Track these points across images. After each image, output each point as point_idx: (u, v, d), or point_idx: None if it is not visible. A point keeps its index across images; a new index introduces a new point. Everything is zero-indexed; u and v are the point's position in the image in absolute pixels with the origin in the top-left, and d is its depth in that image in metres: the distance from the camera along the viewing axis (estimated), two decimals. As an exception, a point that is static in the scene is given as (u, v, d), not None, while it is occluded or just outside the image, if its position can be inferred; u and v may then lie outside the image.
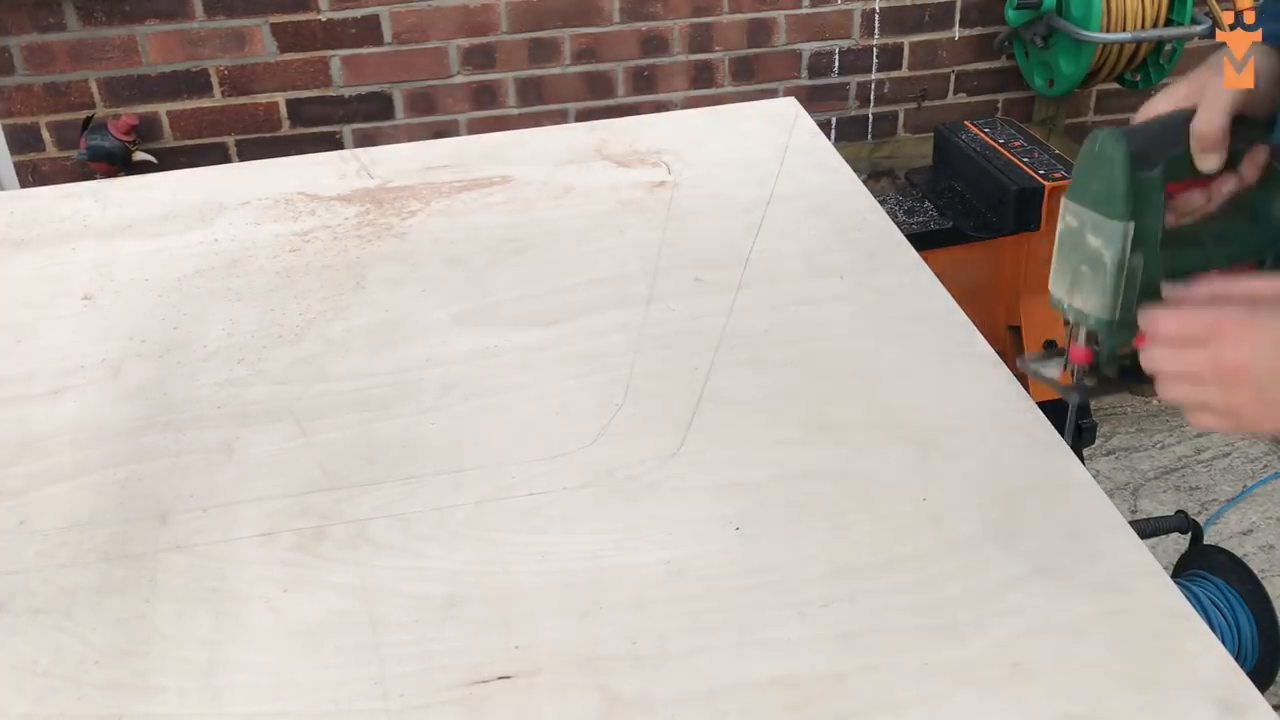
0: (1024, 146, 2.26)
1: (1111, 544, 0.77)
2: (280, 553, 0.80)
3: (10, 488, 0.88)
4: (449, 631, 0.74)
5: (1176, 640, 0.70)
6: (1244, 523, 2.31)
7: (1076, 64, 2.73)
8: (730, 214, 1.21)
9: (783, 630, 0.72)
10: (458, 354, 1.01)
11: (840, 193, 1.24)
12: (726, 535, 0.80)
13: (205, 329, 1.03)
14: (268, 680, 0.71)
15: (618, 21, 2.80)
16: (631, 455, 0.87)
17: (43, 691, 0.71)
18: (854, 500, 0.82)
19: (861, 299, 1.05)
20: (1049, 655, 0.69)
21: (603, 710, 0.68)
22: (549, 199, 1.26)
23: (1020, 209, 2.13)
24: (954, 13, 2.92)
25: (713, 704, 0.68)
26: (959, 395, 0.92)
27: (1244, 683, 0.67)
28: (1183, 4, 2.64)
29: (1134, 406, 2.66)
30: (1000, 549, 0.77)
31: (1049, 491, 0.82)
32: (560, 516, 0.82)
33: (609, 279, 1.10)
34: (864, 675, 0.69)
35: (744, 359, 0.98)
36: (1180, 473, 2.45)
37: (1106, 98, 3.08)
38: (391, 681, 0.71)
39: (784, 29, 2.87)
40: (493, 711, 0.68)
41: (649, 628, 0.73)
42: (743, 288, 1.08)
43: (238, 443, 0.91)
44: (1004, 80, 3.03)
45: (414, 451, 0.89)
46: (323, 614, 0.76)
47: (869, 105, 3.02)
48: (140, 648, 0.74)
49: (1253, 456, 2.48)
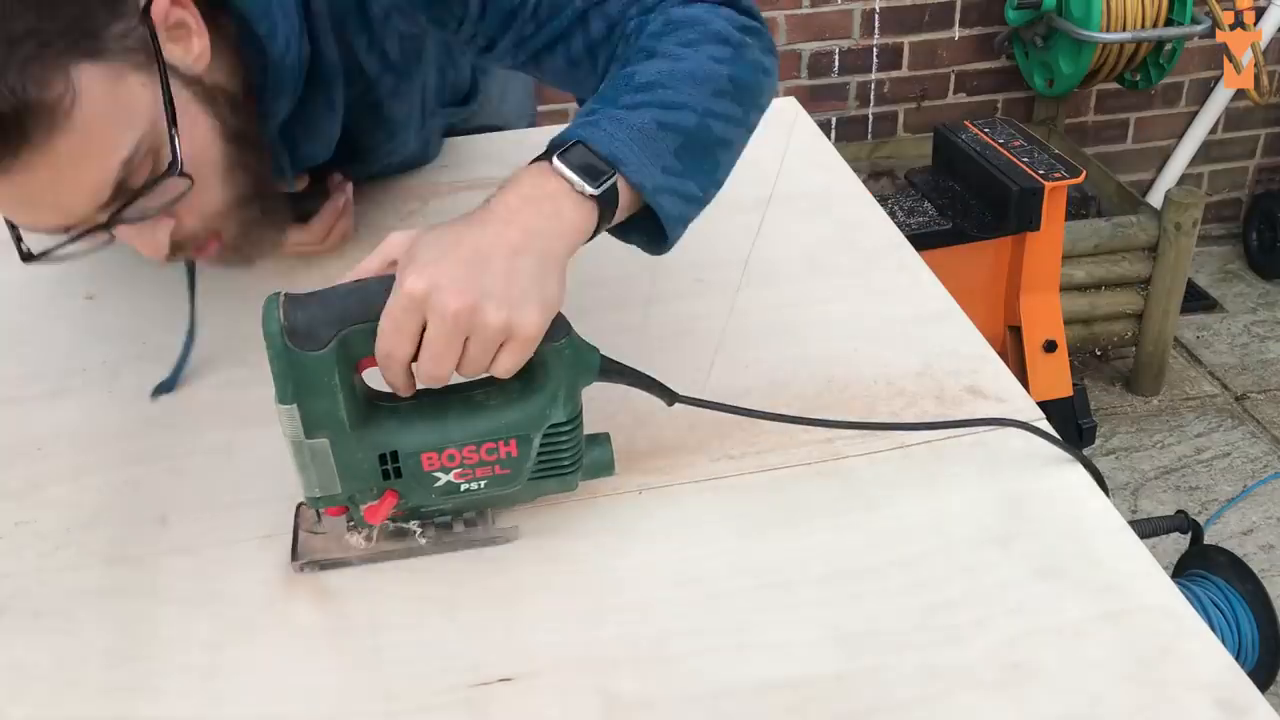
0: (1024, 146, 2.26)
1: (1111, 544, 0.77)
2: (281, 555, 0.80)
3: (10, 489, 0.88)
4: (449, 633, 0.74)
5: (1176, 640, 0.70)
6: (1244, 523, 2.31)
7: (1076, 64, 2.73)
8: (730, 214, 1.21)
9: (783, 632, 0.72)
10: (458, 355, 1.01)
11: (840, 193, 1.24)
12: (727, 536, 0.80)
13: (206, 330, 1.03)
14: (269, 682, 0.71)
15: (617, 22, 2.80)
16: (631, 456, 0.87)
17: (43, 694, 0.71)
18: (854, 501, 0.82)
19: (861, 299, 1.05)
20: (1049, 655, 0.69)
21: (604, 712, 0.68)
22: (549, 200, 1.25)
23: (1020, 209, 2.13)
24: (954, 13, 2.92)
25: (713, 705, 0.68)
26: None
27: (1244, 683, 0.67)
28: (1183, 4, 2.64)
29: (1134, 406, 2.66)
30: (1000, 549, 0.77)
31: (1049, 492, 0.82)
32: (560, 517, 0.82)
33: (609, 279, 1.10)
34: (864, 676, 0.69)
35: (744, 359, 0.98)
36: (1180, 473, 2.45)
37: (1106, 98, 3.08)
38: (392, 683, 0.71)
39: (784, 29, 2.87)
40: (493, 713, 0.68)
41: (650, 629, 0.73)
42: (743, 288, 1.08)
43: (238, 444, 0.91)
44: (1004, 80, 3.03)
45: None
46: (323, 616, 0.76)
47: (869, 105, 3.01)
48: (141, 650, 0.74)
49: (1253, 456, 2.48)
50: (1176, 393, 2.70)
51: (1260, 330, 2.92)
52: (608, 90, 0.81)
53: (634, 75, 0.81)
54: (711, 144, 0.82)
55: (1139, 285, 2.58)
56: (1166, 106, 3.12)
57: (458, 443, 0.74)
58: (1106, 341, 2.66)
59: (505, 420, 0.74)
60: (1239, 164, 3.25)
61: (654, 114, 0.78)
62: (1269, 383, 2.72)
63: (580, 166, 0.74)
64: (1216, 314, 3.00)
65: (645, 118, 0.78)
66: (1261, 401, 2.66)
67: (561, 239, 0.73)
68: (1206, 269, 3.18)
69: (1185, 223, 2.45)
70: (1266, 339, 2.88)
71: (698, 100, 0.81)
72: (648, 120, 0.78)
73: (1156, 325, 2.58)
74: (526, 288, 0.70)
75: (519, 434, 0.75)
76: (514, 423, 0.75)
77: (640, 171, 0.76)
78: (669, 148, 0.78)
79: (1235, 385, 2.72)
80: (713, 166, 0.84)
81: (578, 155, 0.75)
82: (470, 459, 0.75)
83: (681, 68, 0.81)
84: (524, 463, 0.76)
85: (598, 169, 0.75)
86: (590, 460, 0.80)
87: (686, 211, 0.82)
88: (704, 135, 0.81)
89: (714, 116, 0.82)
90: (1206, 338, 2.90)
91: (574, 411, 0.76)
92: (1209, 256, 3.23)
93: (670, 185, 0.79)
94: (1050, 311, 2.22)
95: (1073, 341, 2.53)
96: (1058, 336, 2.23)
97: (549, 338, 0.72)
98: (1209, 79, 3.06)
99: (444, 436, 0.74)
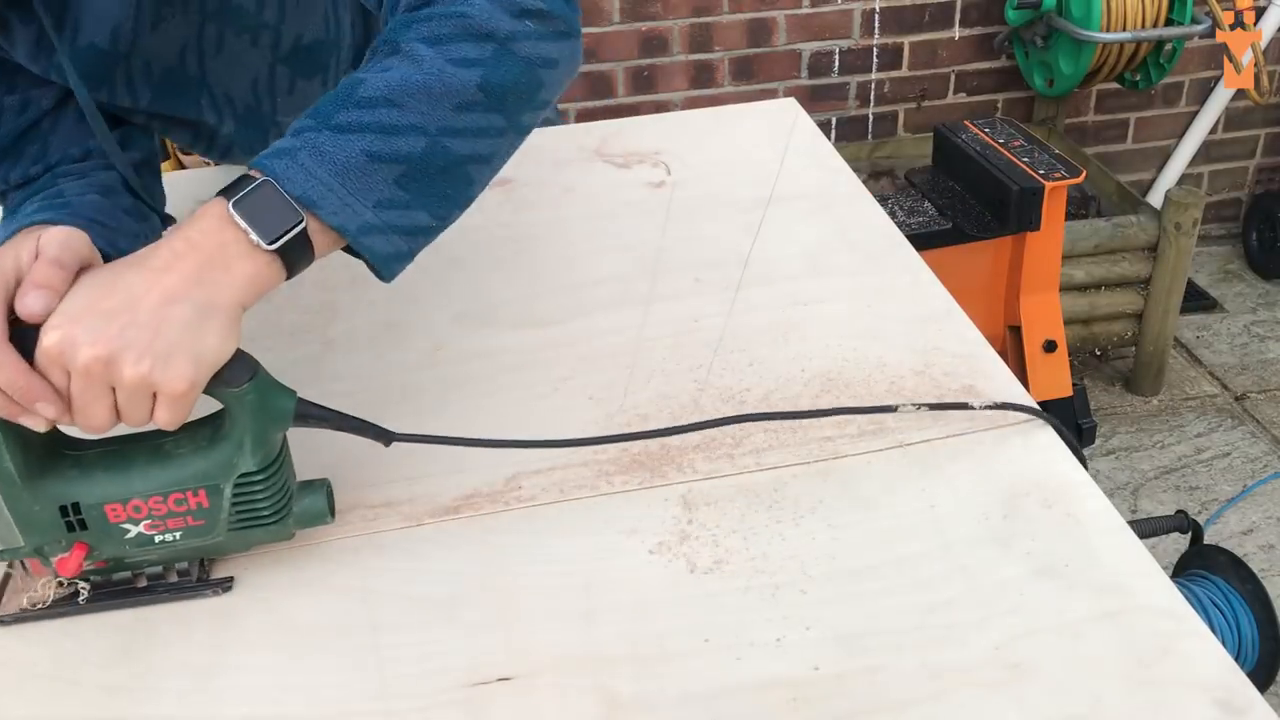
0: (1024, 146, 2.26)
1: (1111, 543, 0.77)
2: (280, 554, 0.80)
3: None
4: (449, 633, 0.74)
5: (1176, 640, 0.70)
6: (1244, 523, 2.31)
7: (1076, 64, 2.73)
8: (730, 214, 1.21)
9: (783, 631, 0.72)
10: (457, 355, 1.01)
11: (840, 193, 1.24)
12: (726, 536, 0.80)
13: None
14: (268, 682, 0.71)
15: (617, 21, 2.80)
16: (631, 456, 0.87)
17: (43, 694, 0.72)
18: (854, 500, 0.82)
19: (861, 299, 1.05)
20: (1049, 656, 0.69)
21: (603, 712, 0.68)
22: (549, 199, 1.26)
23: (1020, 209, 2.13)
24: (954, 13, 2.92)
25: (713, 705, 0.68)
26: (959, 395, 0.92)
27: (1244, 683, 0.67)
28: (1183, 4, 2.64)
29: (1134, 406, 2.66)
30: (1000, 549, 0.77)
31: (1049, 492, 0.82)
32: (560, 517, 0.82)
33: (609, 279, 1.10)
34: (864, 676, 0.69)
35: (744, 359, 0.98)
36: (1180, 473, 2.45)
37: (1106, 97, 3.08)
38: (391, 683, 0.71)
39: (784, 29, 2.87)
40: (493, 713, 0.68)
41: (649, 629, 0.73)
42: (743, 288, 1.08)
43: (238, 444, 0.91)
44: (1004, 80, 3.03)
45: (413, 452, 0.89)
46: (323, 615, 0.76)
47: (869, 105, 3.02)
48: (140, 650, 0.74)
49: (1253, 456, 2.48)
50: (1176, 393, 2.70)
51: (1260, 330, 2.92)
52: (327, 102, 0.73)
53: (359, 86, 0.73)
54: (450, 165, 0.75)
55: (1139, 285, 2.58)
56: (1166, 106, 3.12)
57: (142, 494, 0.72)
58: (1106, 341, 2.66)
59: (192, 470, 0.72)
60: (1239, 164, 3.25)
61: (368, 143, 0.71)
62: (1269, 383, 2.72)
63: (263, 213, 0.69)
64: (1216, 314, 3.00)
65: (355, 149, 0.71)
66: (1261, 401, 2.66)
67: (231, 289, 0.68)
68: (1206, 269, 3.18)
69: (1185, 223, 2.45)
70: (1266, 339, 2.88)
71: (432, 119, 0.73)
72: (357, 153, 0.71)
73: (1156, 325, 2.58)
74: (175, 339, 0.66)
75: (207, 484, 0.72)
76: (201, 472, 0.72)
77: (341, 213, 0.71)
78: (387, 179, 0.72)
79: (1235, 385, 2.72)
80: (455, 188, 0.77)
81: (263, 198, 0.69)
82: (159, 510, 0.72)
83: (415, 80, 0.73)
84: (218, 514, 0.73)
85: (282, 216, 0.69)
86: (301, 509, 0.77)
87: (411, 245, 0.76)
88: (438, 158, 0.74)
89: (454, 134, 0.74)
90: (1206, 338, 2.90)
91: (266, 460, 0.73)
92: (1209, 256, 3.23)
93: (386, 221, 0.73)
94: (1050, 311, 2.22)
95: (1073, 341, 2.54)
96: (1058, 336, 2.23)
97: (228, 383, 0.70)
98: (1209, 79, 3.06)
99: (127, 488, 0.72)
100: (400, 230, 0.74)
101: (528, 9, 0.77)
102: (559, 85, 0.81)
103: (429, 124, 0.73)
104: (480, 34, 0.75)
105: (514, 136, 0.80)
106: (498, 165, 0.80)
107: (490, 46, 0.75)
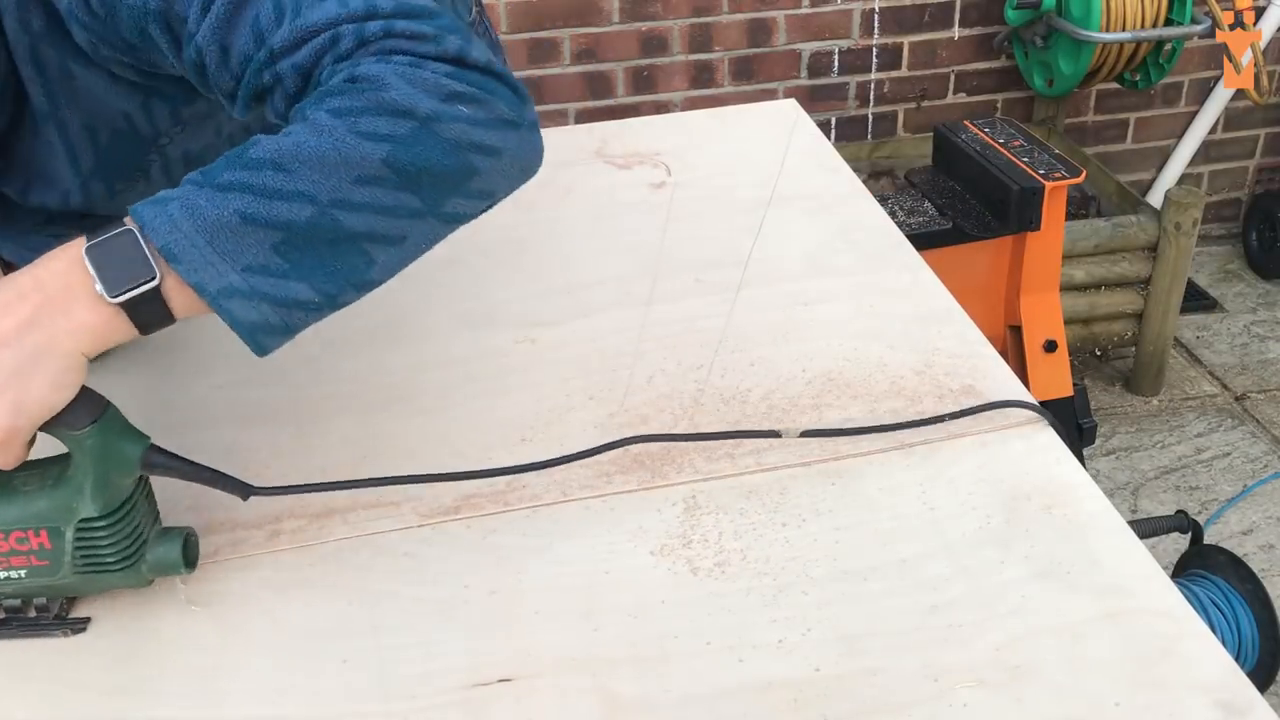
0: (1024, 146, 2.26)
1: (1111, 544, 0.77)
2: (282, 555, 0.80)
3: (10, 490, 0.88)
4: (449, 634, 0.74)
5: (1176, 640, 0.70)
6: (1244, 523, 2.31)
7: (1076, 64, 2.73)
8: (730, 215, 1.21)
9: (783, 632, 0.72)
10: (458, 355, 1.01)
11: (840, 193, 1.24)
12: (726, 537, 0.80)
13: (205, 331, 1.03)
14: (269, 684, 0.71)
15: (617, 21, 2.80)
16: (632, 456, 0.87)
17: (44, 696, 0.71)
18: (855, 501, 0.82)
19: (861, 299, 1.05)
20: (1049, 656, 0.69)
21: (603, 713, 0.68)
22: (549, 199, 1.26)
23: (1020, 209, 2.13)
24: (954, 13, 2.92)
25: (713, 706, 0.68)
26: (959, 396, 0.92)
27: (1244, 683, 0.67)
28: (1183, 4, 2.64)
29: (1134, 406, 2.66)
30: (1001, 550, 0.77)
31: (1049, 492, 0.82)
32: (560, 518, 0.82)
33: (609, 280, 1.10)
34: (865, 677, 0.69)
35: (745, 359, 0.98)
36: (1180, 473, 2.45)
37: (1106, 97, 3.08)
38: (392, 684, 0.71)
39: (784, 29, 2.87)
40: (493, 714, 0.68)
41: (649, 630, 0.73)
42: (743, 288, 1.08)
43: (238, 445, 0.91)
44: (1004, 80, 3.03)
45: (414, 453, 0.89)
46: (324, 617, 0.76)
47: (869, 105, 3.01)
48: (142, 652, 0.74)
49: (1253, 456, 2.48)
50: (1176, 393, 2.70)
51: (1260, 330, 2.92)
52: (220, 160, 0.70)
53: (251, 147, 0.69)
54: (341, 239, 0.70)
55: (1139, 285, 2.58)
56: (1166, 106, 3.12)
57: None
58: (1106, 341, 2.66)
59: (33, 510, 0.71)
60: (1239, 164, 3.25)
61: (245, 203, 0.67)
62: (1269, 383, 2.72)
63: (116, 262, 0.66)
64: (1216, 314, 3.00)
65: (230, 208, 0.67)
66: (1261, 401, 2.66)
67: (70, 337, 0.66)
68: (1206, 269, 3.18)
69: (1185, 222, 2.45)
70: (1266, 339, 2.88)
71: (323, 189, 0.68)
72: (230, 212, 0.67)
73: (1156, 325, 2.58)
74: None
75: (48, 525, 0.71)
76: (40, 513, 0.71)
77: (202, 271, 0.67)
78: (263, 244, 0.68)
79: (1235, 385, 2.72)
80: (346, 264, 0.71)
81: (120, 247, 0.66)
82: (1, 547, 0.72)
83: (310, 145, 0.68)
84: (60, 556, 0.72)
85: (134, 270, 0.66)
86: (155, 558, 0.74)
87: (286, 318, 0.70)
88: (326, 229, 0.69)
89: (348, 208, 0.69)
90: (1206, 338, 2.90)
91: (109, 506, 0.71)
92: (1209, 256, 3.23)
93: (254, 288, 0.68)
94: (1050, 311, 2.22)
95: (1073, 341, 2.53)
96: (1058, 336, 2.23)
97: (69, 426, 0.69)
98: (1209, 79, 3.06)
99: None
100: (271, 300, 0.69)
101: (460, 94, 0.72)
102: (505, 176, 0.76)
103: (319, 193, 0.68)
104: (397, 110, 0.70)
105: (435, 222, 0.74)
106: (411, 251, 0.74)
107: (408, 124, 0.70)
